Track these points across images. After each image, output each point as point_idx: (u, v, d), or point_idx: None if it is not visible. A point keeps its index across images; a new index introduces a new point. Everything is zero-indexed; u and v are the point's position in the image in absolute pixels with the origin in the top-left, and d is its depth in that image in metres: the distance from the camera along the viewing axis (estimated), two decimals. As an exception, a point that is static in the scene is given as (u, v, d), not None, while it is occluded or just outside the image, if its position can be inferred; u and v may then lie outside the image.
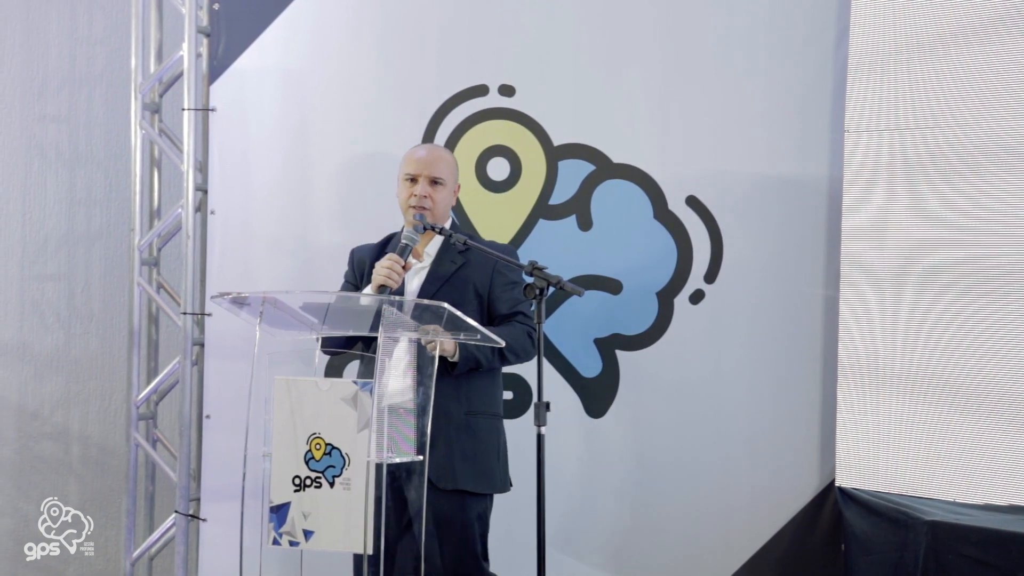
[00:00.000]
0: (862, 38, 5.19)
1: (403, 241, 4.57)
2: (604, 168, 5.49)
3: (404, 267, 4.52)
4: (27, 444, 6.42)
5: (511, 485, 4.83)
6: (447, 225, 4.83)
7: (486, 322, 4.70)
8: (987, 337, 4.98)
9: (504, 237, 5.47)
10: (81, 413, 6.41)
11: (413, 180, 4.81)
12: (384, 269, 4.46)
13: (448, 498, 4.63)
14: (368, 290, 4.55)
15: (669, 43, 5.47)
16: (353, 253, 4.99)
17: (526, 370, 5.23)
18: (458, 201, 5.55)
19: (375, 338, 4.14)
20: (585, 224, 5.50)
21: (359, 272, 4.89)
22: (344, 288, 4.92)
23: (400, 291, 4.65)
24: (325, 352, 4.51)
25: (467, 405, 4.69)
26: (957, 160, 5.03)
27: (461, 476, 4.65)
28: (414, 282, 4.77)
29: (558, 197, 5.51)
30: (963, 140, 5.02)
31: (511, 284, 4.82)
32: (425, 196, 4.77)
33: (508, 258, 4.63)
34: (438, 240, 4.82)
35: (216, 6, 5.79)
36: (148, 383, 5.89)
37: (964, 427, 5.01)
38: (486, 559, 4.76)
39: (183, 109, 5.73)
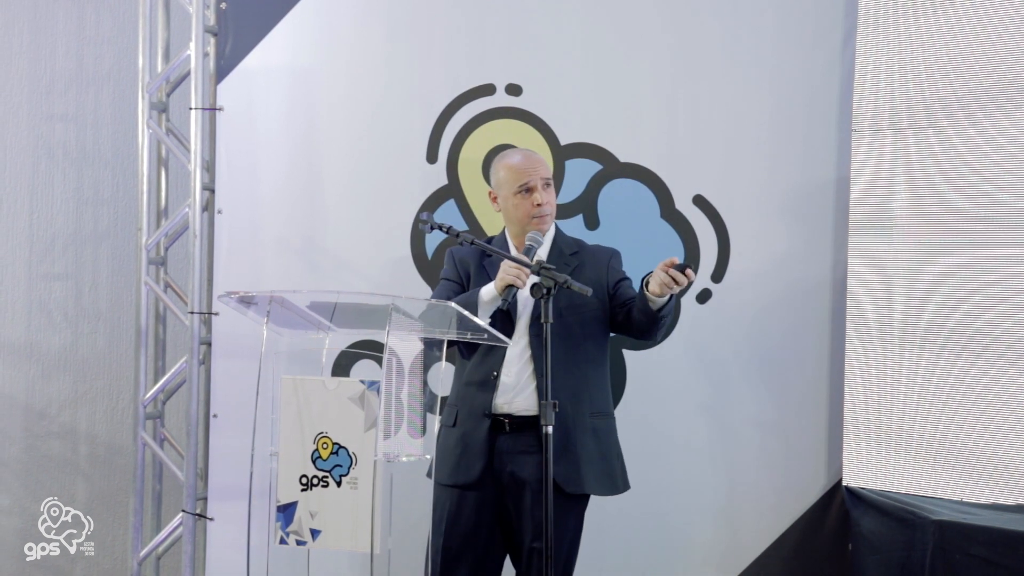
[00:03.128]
0: (869, 38, 5.19)
1: (527, 243, 4.57)
2: (611, 167, 5.49)
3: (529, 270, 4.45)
4: (34, 443, 6.43)
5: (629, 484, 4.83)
6: (551, 229, 4.84)
7: (608, 314, 4.71)
8: (994, 337, 4.98)
9: (511, 236, 5.48)
10: (88, 412, 6.42)
11: (529, 190, 4.73)
12: (513, 270, 4.42)
13: (579, 503, 4.67)
14: (492, 288, 4.51)
15: (676, 42, 5.47)
16: (454, 253, 4.91)
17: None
18: (465, 200, 5.56)
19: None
20: (592, 223, 5.50)
21: (463, 272, 4.83)
22: (445, 286, 4.84)
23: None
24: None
25: (590, 406, 4.68)
26: (965, 160, 5.02)
27: (587, 480, 4.65)
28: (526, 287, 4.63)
29: (565, 196, 5.51)
30: (972, 139, 5.01)
31: (626, 278, 4.81)
32: (546, 203, 4.74)
33: (500, 251, 4.58)
34: (547, 243, 4.79)
35: (223, 5, 5.79)
36: (155, 382, 5.90)
37: (971, 427, 5.01)
38: None
39: (190, 108, 5.73)
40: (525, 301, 4.64)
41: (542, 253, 4.75)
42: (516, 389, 4.61)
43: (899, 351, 5.12)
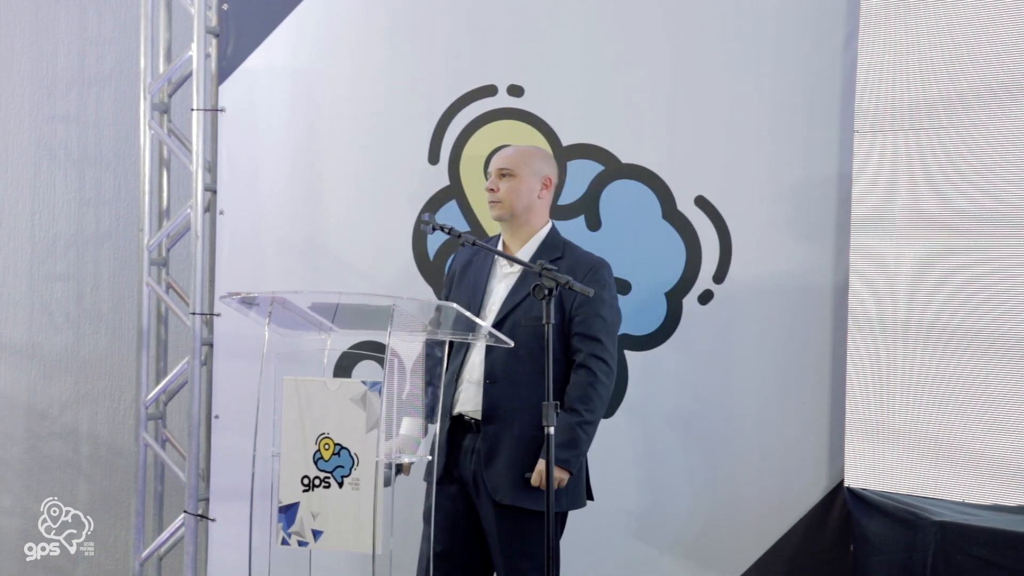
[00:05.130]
0: (871, 38, 5.19)
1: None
2: (613, 168, 5.49)
3: None
4: (36, 444, 6.43)
5: (583, 501, 4.79)
6: (548, 227, 4.83)
7: (565, 334, 4.63)
8: (997, 337, 4.97)
9: (513, 237, 5.48)
10: (90, 413, 6.42)
11: (488, 177, 4.82)
12: None
13: (507, 513, 4.61)
14: None
15: (678, 42, 5.47)
16: (454, 258, 5.03)
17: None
18: (467, 201, 5.56)
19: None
20: (594, 224, 5.50)
21: (449, 279, 4.92)
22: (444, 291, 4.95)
23: (483, 294, 4.67)
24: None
25: (536, 418, 4.51)
26: (967, 160, 5.02)
27: (517, 492, 4.59)
28: (501, 286, 4.72)
29: (567, 197, 5.51)
30: (976, 140, 5.01)
31: (594, 306, 4.63)
32: (492, 189, 4.75)
33: (509, 255, 4.59)
34: (533, 245, 4.78)
35: (225, 6, 5.80)
36: (157, 383, 5.91)
37: (974, 426, 5.00)
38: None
39: (192, 109, 5.74)
40: (492, 303, 4.67)
41: (525, 253, 4.73)
42: (478, 389, 4.63)
43: (902, 350, 5.12)
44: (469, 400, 4.63)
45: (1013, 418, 4.92)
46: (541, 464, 4.46)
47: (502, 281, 4.73)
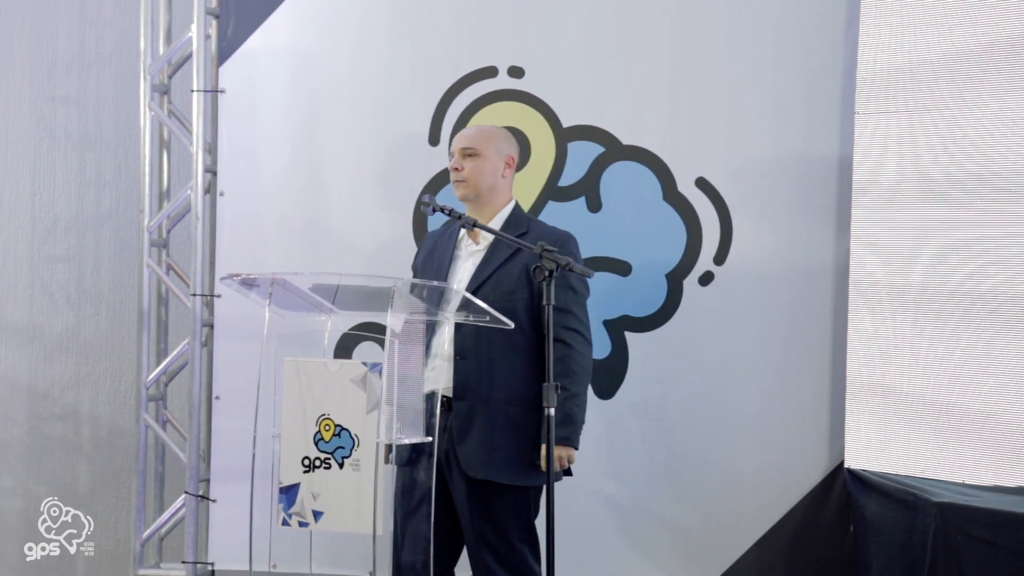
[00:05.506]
0: (872, 19, 5.18)
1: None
2: (613, 150, 5.49)
3: None
4: (37, 425, 6.43)
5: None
6: (511, 205, 4.82)
7: (536, 308, 4.61)
8: (996, 318, 4.98)
9: (513, 218, 5.48)
10: (91, 394, 6.42)
11: (451, 157, 4.81)
12: None
13: (482, 487, 4.62)
14: None
15: (679, 24, 5.46)
16: (424, 242, 5.05)
17: (535, 351, 5.23)
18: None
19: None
20: (594, 206, 5.50)
21: (418, 260, 4.94)
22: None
23: (447, 274, 4.67)
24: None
25: (507, 394, 4.63)
26: (968, 142, 5.02)
27: (489, 466, 4.60)
28: (467, 265, 4.72)
29: (567, 179, 5.51)
30: (975, 121, 5.00)
31: (563, 278, 4.62)
32: (456, 168, 4.75)
33: (514, 239, 4.59)
34: (497, 222, 4.76)
35: (225, -13, 5.81)
36: (158, 364, 5.91)
37: (973, 409, 5.01)
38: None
39: (192, 91, 5.74)
40: (459, 281, 4.68)
41: (488, 234, 4.70)
42: (448, 365, 4.62)
43: (903, 330, 5.12)
44: (440, 378, 4.61)
45: (1014, 399, 4.93)
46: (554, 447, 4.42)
47: (468, 260, 4.73)
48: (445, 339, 4.61)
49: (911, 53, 5.12)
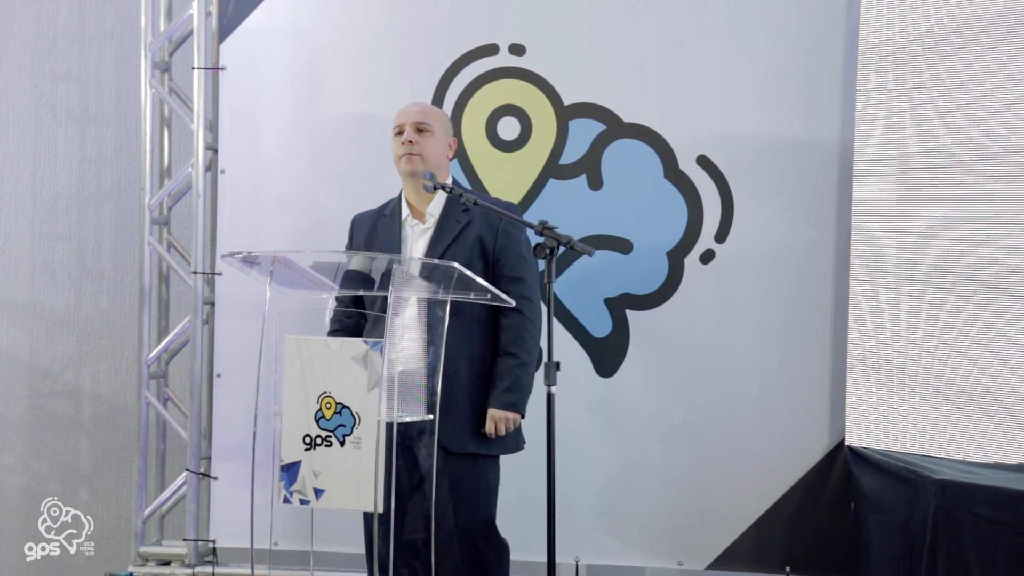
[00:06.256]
0: (874, -5, 5.19)
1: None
2: (614, 127, 5.48)
3: None
4: (38, 402, 6.44)
5: (524, 444, 4.84)
6: (448, 182, 4.81)
7: (491, 279, 4.62)
8: (997, 294, 4.98)
9: (514, 196, 5.47)
10: (92, 372, 6.42)
11: (399, 132, 4.79)
12: None
13: (461, 461, 4.65)
14: None
15: (680, 1, 5.45)
16: (353, 222, 5.01)
17: (536, 329, 5.24)
18: (468, 160, 5.54)
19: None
20: (595, 183, 5.50)
21: (358, 241, 4.90)
22: None
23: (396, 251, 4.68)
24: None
25: (477, 367, 4.71)
26: (969, 119, 5.02)
27: (472, 440, 4.67)
28: (420, 243, 4.74)
29: (568, 156, 5.51)
30: (977, 98, 5.00)
31: (515, 247, 4.77)
32: (411, 142, 4.74)
33: (514, 216, 4.61)
34: (440, 200, 4.79)
35: (226, -36, 5.79)
36: (159, 342, 5.91)
37: (973, 386, 5.01)
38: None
39: (193, 68, 5.73)
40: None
41: (435, 208, 4.77)
42: None
43: (904, 307, 5.13)
44: None
45: (1015, 376, 4.94)
46: (494, 413, 4.61)
47: (420, 238, 4.75)
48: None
49: (913, 28, 5.11)
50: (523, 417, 4.68)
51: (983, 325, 5.02)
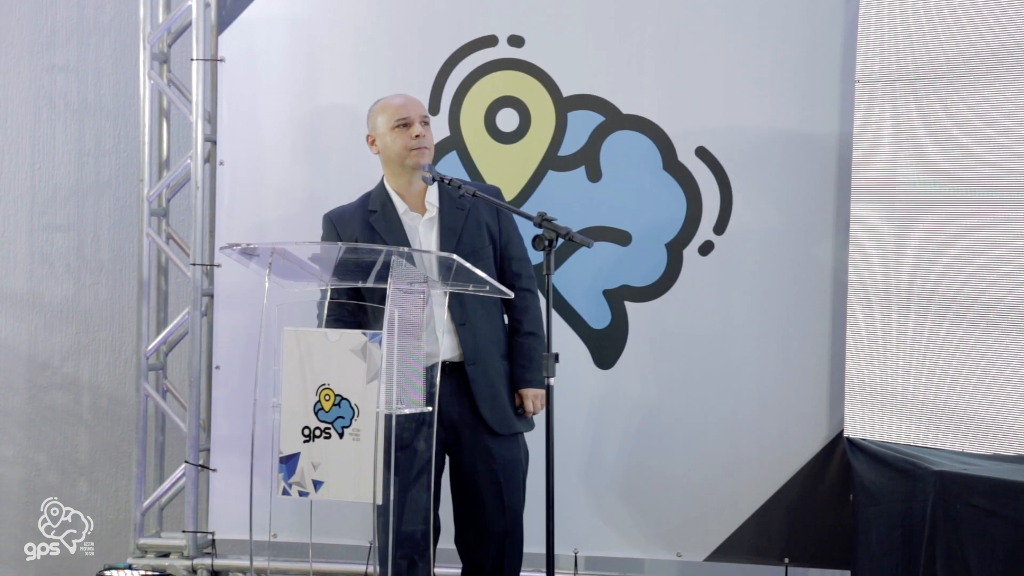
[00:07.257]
0: (874, -12, 5.18)
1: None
2: (613, 119, 5.48)
3: None
4: (37, 394, 6.44)
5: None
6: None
7: (499, 261, 4.79)
8: (995, 289, 4.98)
9: (513, 188, 5.47)
10: (91, 363, 6.43)
11: (407, 125, 4.78)
12: None
13: (507, 441, 4.79)
14: None
15: (679, -7, 5.46)
16: (332, 218, 4.98)
17: (535, 321, 5.24)
18: (467, 152, 5.55)
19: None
20: (594, 175, 5.50)
21: (348, 236, 4.86)
22: None
23: (410, 245, 4.68)
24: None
25: (502, 350, 4.81)
26: (969, 111, 5.01)
27: (513, 420, 4.79)
28: (431, 235, 4.74)
29: (567, 148, 5.50)
30: (975, 91, 5.00)
31: (515, 228, 4.91)
32: (419, 136, 4.75)
33: (509, 206, 4.64)
34: (434, 189, 4.80)
35: (224, -45, 5.79)
36: (158, 334, 5.91)
37: (972, 377, 5.01)
38: None
39: (192, 59, 5.73)
40: (437, 249, 4.70)
41: (432, 197, 4.80)
42: (452, 334, 4.70)
43: (899, 302, 5.13)
44: (448, 346, 4.68)
45: (1013, 368, 4.94)
46: (528, 392, 4.77)
47: (429, 230, 4.78)
48: (443, 309, 4.64)
49: (912, 21, 5.11)
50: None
51: (981, 308, 5.02)
